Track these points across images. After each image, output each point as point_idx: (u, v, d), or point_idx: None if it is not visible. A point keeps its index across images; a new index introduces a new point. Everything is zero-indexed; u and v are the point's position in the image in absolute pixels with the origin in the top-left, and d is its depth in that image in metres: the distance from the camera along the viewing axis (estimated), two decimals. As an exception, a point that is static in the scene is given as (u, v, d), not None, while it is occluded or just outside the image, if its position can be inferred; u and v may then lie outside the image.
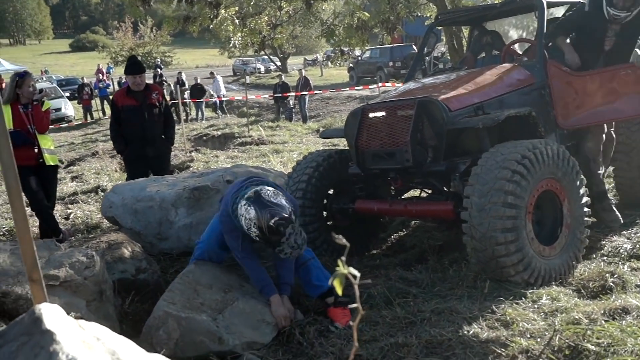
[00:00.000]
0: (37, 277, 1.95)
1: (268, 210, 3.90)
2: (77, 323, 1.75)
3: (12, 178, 1.91)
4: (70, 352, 1.54)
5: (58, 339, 1.60)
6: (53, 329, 1.64)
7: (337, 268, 1.65)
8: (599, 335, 3.22)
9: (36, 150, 5.95)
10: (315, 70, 42.79)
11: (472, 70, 6.14)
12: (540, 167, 4.50)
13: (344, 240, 1.56)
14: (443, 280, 4.69)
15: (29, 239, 1.94)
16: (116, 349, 1.66)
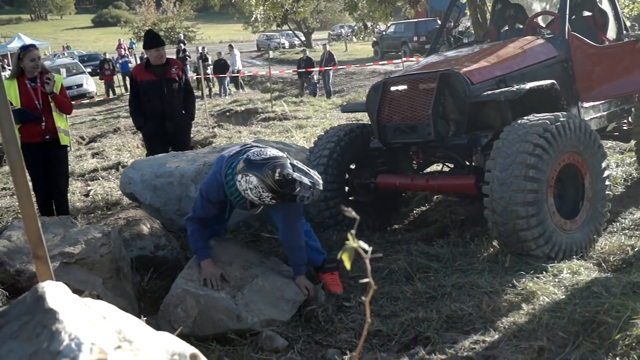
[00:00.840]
0: (42, 254, 1.90)
1: (266, 168, 3.73)
2: (82, 301, 1.73)
3: (14, 153, 1.88)
4: (73, 332, 1.51)
5: (61, 317, 1.56)
6: (56, 307, 1.61)
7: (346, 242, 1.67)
8: (618, 309, 3.22)
9: (43, 126, 5.75)
10: (339, 45, 42.47)
11: (495, 43, 6.08)
12: (563, 141, 4.46)
13: (353, 212, 1.58)
14: (464, 255, 4.70)
15: (33, 214, 1.91)
16: (122, 327, 1.64)
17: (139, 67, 6.82)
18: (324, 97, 20.18)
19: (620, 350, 2.88)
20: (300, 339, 3.69)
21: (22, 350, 1.53)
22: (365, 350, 3.29)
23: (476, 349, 3.11)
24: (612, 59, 5.71)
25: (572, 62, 5.53)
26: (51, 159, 5.91)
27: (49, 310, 1.59)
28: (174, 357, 1.58)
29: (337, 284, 4.34)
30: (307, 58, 21.33)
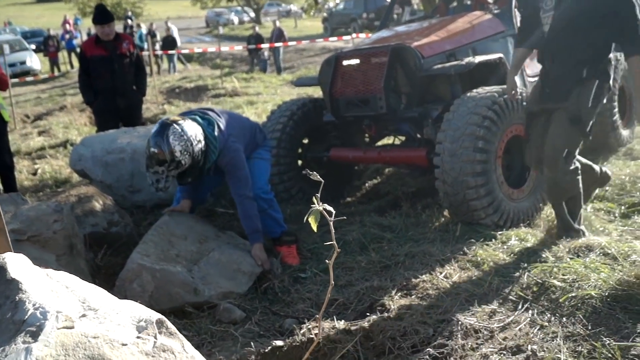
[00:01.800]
0: (1, 226, 1.90)
1: (157, 140, 3.88)
2: (44, 272, 1.73)
3: None
4: (37, 301, 1.51)
5: (24, 287, 1.56)
6: (18, 277, 1.60)
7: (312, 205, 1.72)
8: (564, 272, 3.35)
9: None
10: (289, 22, 42.19)
11: (444, 18, 6.16)
12: (510, 113, 4.58)
13: (318, 177, 1.62)
14: (416, 225, 4.80)
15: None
16: (86, 296, 1.64)
17: (88, 42, 6.66)
18: (274, 73, 20.08)
19: (567, 311, 3.00)
20: (258, 310, 3.74)
21: None
22: (324, 319, 3.35)
23: (430, 314, 3.21)
24: None
25: (518, 37, 5.67)
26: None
27: (12, 281, 1.58)
28: (141, 324, 1.59)
29: (294, 257, 4.41)
30: (257, 34, 21.14)
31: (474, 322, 3.03)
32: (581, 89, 3.88)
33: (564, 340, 2.78)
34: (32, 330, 1.42)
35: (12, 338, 1.42)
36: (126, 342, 1.51)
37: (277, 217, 4.52)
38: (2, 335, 1.47)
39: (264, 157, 4.59)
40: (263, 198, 4.41)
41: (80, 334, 1.45)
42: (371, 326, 3.17)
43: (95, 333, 1.47)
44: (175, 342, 1.64)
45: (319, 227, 5.22)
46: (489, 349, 2.81)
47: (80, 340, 1.43)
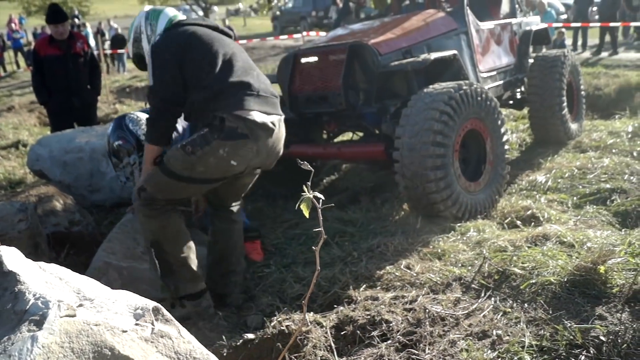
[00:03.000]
0: None
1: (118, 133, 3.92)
2: (37, 265, 1.74)
3: None
4: (37, 291, 1.53)
5: (22, 279, 1.58)
6: (15, 269, 1.62)
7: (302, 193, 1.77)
8: (524, 260, 3.48)
9: None
10: (238, 20, 41.97)
11: (399, 16, 6.28)
12: (466, 108, 4.70)
13: (309, 166, 1.67)
14: (377, 219, 4.89)
15: None
16: (80, 287, 1.67)
17: (42, 41, 6.57)
18: (225, 71, 19.91)
19: (528, 297, 3.12)
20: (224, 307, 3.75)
21: None
22: (292, 312, 3.40)
23: (397, 303, 3.28)
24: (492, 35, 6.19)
25: (471, 35, 5.82)
26: None
27: (9, 273, 1.59)
28: (137, 311, 1.62)
29: (258, 252, 4.44)
30: (207, 33, 20.95)
31: (440, 310, 3.12)
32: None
33: (527, 324, 2.89)
34: (36, 319, 1.44)
35: (16, 327, 1.44)
36: (126, 328, 1.54)
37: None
38: (3, 326, 1.49)
39: None
40: None
41: (83, 322, 1.47)
42: (340, 317, 3.23)
43: (96, 321, 1.50)
44: (171, 328, 1.67)
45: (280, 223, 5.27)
46: (455, 335, 2.90)
47: (82, 327, 1.46)
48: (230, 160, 3.24)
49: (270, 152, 3.41)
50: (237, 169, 3.34)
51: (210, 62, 3.33)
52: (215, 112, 3.23)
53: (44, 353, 1.36)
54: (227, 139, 3.18)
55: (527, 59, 6.91)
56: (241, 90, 3.30)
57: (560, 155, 6.26)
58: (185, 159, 3.21)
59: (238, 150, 3.23)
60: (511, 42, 6.66)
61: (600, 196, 4.92)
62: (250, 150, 3.26)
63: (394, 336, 2.98)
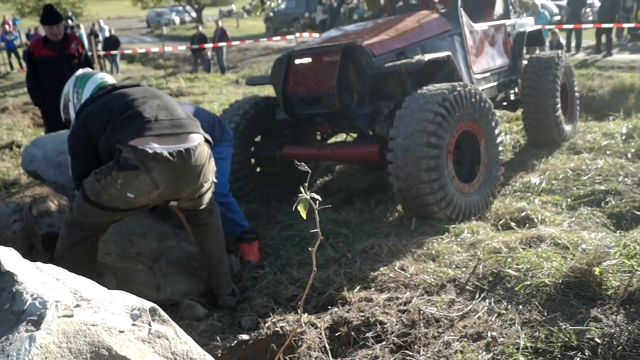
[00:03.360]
0: None
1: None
2: (34, 265, 1.74)
3: None
4: (35, 291, 1.53)
5: (20, 279, 1.58)
6: (13, 270, 1.62)
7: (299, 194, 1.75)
8: (518, 262, 3.48)
9: None
10: (231, 22, 41.95)
11: (393, 18, 6.28)
12: (460, 109, 4.70)
13: (306, 167, 1.66)
14: (371, 220, 4.88)
15: None
16: (78, 287, 1.66)
17: (36, 42, 6.54)
18: (218, 73, 19.95)
19: (523, 299, 3.12)
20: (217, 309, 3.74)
21: None
22: (286, 313, 3.39)
23: (391, 305, 3.27)
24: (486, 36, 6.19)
25: (464, 36, 5.83)
26: None
27: (6, 273, 1.59)
28: (134, 312, 1.61)
29: (254, 253, 4.44)
30: (201, 34, 20.96)
31: (435, 312, 3.12)
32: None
33: (522, 326, 2.89)
34: (34, 319, 1.44)
35: (14, 327, 1.44)
36: (123, 329, 1.54)
37: (236, 218, 4.49)
38: (1, 325, 1.48)
39: (223, 156, 4.54)
40: (220, 202, 4.39)
41: (80, 322, 1.47)
42: (335, 318, 3.22)
43: (93, 321, 1.50)
44: (168, 328, 1.67)
45: (274, 224, 5.25)
46: (450, 337, 2.89)
47: (80, 328, 1.46)
48: (127, 192, 3.20)
49: (175, 184, 3.27)
50: (138, 201, 3.28)
51: (112, 110, 3.37)
52: (117, 143, 3.23)
53: (41, 353, 1.37)
54: (120, 170, 3.16)
55: (521, 60, 6.92)
56: (136, 122, 3.28)
57: (554, 157, 6.27)
58: (94, 185, 3.24)
59: (131, 182, 3.18)
60: (505, 43, 6.67)
61: (594, 198, 4.93)
62: (144, 182, 3.19)
63: (388, 337, 2.98)
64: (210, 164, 3.47)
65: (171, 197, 3.36)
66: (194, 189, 3.39)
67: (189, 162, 3.27)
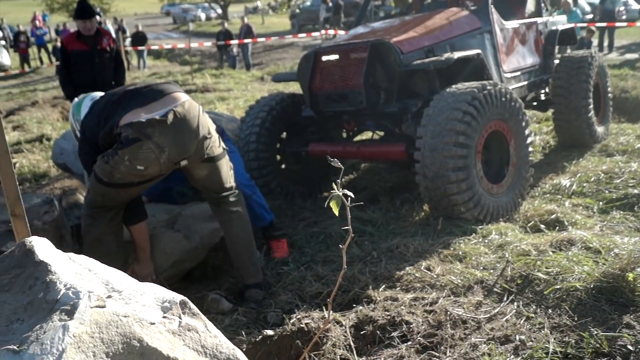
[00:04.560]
0: (20, 212, 1.93)
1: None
2: (67, 255, 1.75)
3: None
4: (68, 281, 1.55)
5: (53, 269, 1.60)
6: (47, 260, 1.64)
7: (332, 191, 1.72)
8: (548, 265, 3.41)
9: None
10: (256, 18, 42.09)
11: (421, 15, 6.21)
12: (490, 108, 4.63)
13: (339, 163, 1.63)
14: (396, 219, 4.84)
15: (11, 173, 1.90)
16: (109, 278, 1.67)
17: (70, 37, 6.60)
18: (243, 69, 20.01)
19: (552, 303, 3.05)
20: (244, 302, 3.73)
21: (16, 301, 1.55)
22: (311, 310, 3.35)
23: (417, 305, 3.23)
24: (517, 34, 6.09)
25: (495, 34, 5.74)
26: None
27: (40, 263, 1.61)
28: (165, 304, 1.61)
29: (284, 250, 4.44)
30: (226, 31, 21.03)
31: (462, 313, 3.06)
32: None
33: (551, 330, 2.82)
34: (67, 309, 1.45)
35: (47, 316, 1.45)
36: (154, 321, 1.55)
37: (263, 203, 4.52)
38: (36, 314, 1.49)
39: (232, 149, 4.58)
40: (246, 185, 4.42)
41: (112, 313, 1.48)
42: (360, 317, 3.18)
43: (125, 312, 1.50)
44: (198, 322, 1.67)
45: (299, 221, 5.22)
46: (477, 339, 2.84)
47: (112, 319, 1.47)
48: (137, 166, 3.33)
49: (177, 142, 3.37)
50: (150, 172, 3.40)
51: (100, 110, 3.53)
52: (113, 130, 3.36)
53: (74, 342, 1.38)
54: (124, 147, 3.28)
55: (553, 59, 6.81)
56: (122, 104, 3.43)
57: (585, 159, 6.16)
58: (104, 167, 3.37)
59: (137, 155, 3.29)
60: (536, 42, 6.57)
61: (627, 202, 4.81)
62: (149, 151, 3.30)
63: (414, 337, 2.93)
64: (205, 116, 3.55)
65: (180, 157, 3.43)
66: (198, 143, 3.45)
67: (182, 117, 3.37)
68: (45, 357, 1.34)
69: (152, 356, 1.51)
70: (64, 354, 1.35)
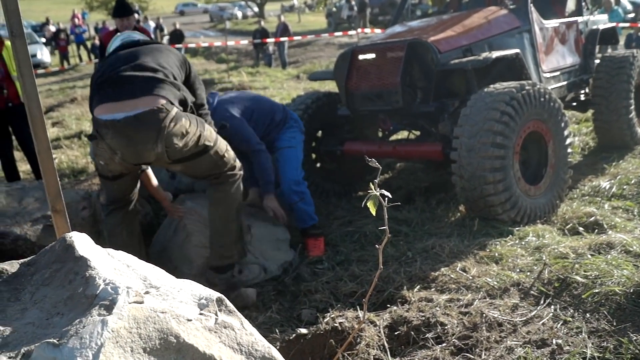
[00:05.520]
0: (61, 208, 1.96)
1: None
2: (106, 251, 1.78)
3: (35, 108, 1.91)
4: (107, 277, 1.57)
5: (93, 264, 1.63)
6: (86, 255, 1.67)
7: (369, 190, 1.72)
8: (586, 269, 3.35)
9: (5, 94, 5.87)
10: (292, 16, 42.20)
11: (459, 14, 6.15)
12: (528, 109, 4.57)
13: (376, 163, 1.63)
14: (432, 220, 4.81)
15: (52, 169, 1.94)
16: (147, 274, 1.70)
17: (109, 34, 6.71)
18: (279, 67, 20.08)
19: (590, 307, 3.00)
20: (278, 301, 3.75)
21: (57, 295, 1.58)
22: (345, 309, 3.36)
23: (452, 306, 3.20)
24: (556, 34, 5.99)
25: (534, 33, 5.67)
26: (17, 123, 5.95)
27: (80, 258, 1.64)
28: (202, 301, 1.63)
29: (320, 249, 4.46)
30: (263, 29, 21.13)
31: (497, 315, 3.04)
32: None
33: (589, 335, 2.78)
34: (106, 304, 1.48)
35: (87, 311, 1.48)
36: (191, 317, 1.56)
37: (308, 210, 4.55)
38: (75, 308, 1.52)
39: (291, 145, 4.58)
40: (294, 190, 4.46)
41: (150, 309, 1.50)
42: (394, 317, 3.17)
43: (162, 308, 1.52)
44: (234, 319, 1.68)
45: (333, 220, 5.23)
46: (513, 342, 2.81)
47: (150, 314, 1.49)
48: (99, 160, 3.44)
49: (129, 149, 3.30)
50: (111, 168, 3.46)
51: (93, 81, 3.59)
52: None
53: (113, 337, 1.40)
54: (90, 140, 3.42)
55: (593, 59, 6.68)
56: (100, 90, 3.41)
57: (625, 161, 6.04)
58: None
59: (97, 150, 3.39)
60: (577, 41, 6.46)
61: (668, 205, 4.71)
62: (103, 149, 3.34)
63: (449, 339, 2.91)
64: (176, 127, 3.30)
65: (136, 162, 3.42)
66: (159, 154, 3.34)
67: (135, 127, 3.24)
68: (84, 351, 1.36)
69: (189, 353, 1.52)
70: (102, 348, 1.37)
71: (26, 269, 1.76)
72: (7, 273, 1.75)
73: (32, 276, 1.70)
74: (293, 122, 4.75)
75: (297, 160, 4.62)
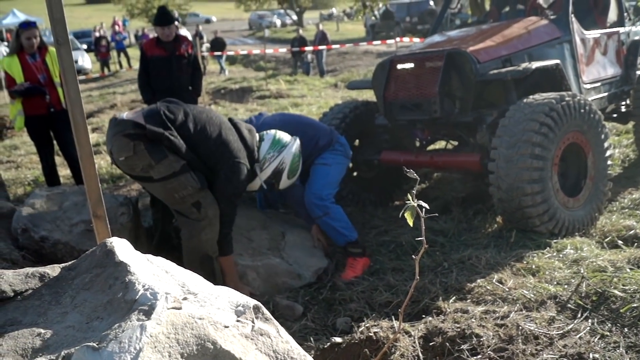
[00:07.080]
0: (102, 214, 2.01)
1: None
2: (145, 257, 1.82)
3: (78, 114, 1.96)
4: (146, 282, 1.61)
5: (132, 270, 1.66)
6: (126, 260, 1.71)
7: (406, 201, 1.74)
8: (624, 282, 3.31)
9: (48, 99, 5.95)
10: (331, 25, 42.34)
11: (499, 24, 6.12)
12: (568, 120, 4.53)
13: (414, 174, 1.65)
14: (469, 230, 4.79)
15: (94, 175, 1.99)
16: (185, 281, 1.73)
17: (149, 42, 6.81)
18: (317, 76, 20.16)
19: (629, 322, 2.97)
20: (312, 308, 3.77)
21: (97, 299, 1.61)
22: (380, 319, 3.37)
23: (487, 318, 3.19)
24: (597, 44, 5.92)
25: (575, 44, 5.61)
26: (59, 128, 6.04)
27: (120, 263, 1.67)
28: (239, 309, 1.65)
29: (355, 270, 4.31)
30: (301, 37, 21.25)
31: (534, 328, 3.01)
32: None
33: (627, 350, 2.75)
34: (145, 309, 1.51)
35: (126, 316, 1.51)
36: (228, 324, 1.58)
37: (336, 226, 4.44)
38: (115, 313, 1.56)
39: (327, 162, 4.57)
40: (316, 204, 4.40)
41: (188, 315, 1.53)
42: (429, 327, 3.17)
43: (200, 315, 1.55)
44: (270, 327, 1.71)
45: (369, 229, 5.24)
46: (549, 355, 2.79)
47: (187, 320, 1.52)
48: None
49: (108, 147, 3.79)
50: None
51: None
52: None
53: (151, 342, 1.42)
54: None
55: (635, 70, 6.58)
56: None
57: (661, 172, 5.94)
58: None
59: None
60: (618, 52, 6.37)
61: None
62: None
63: (484, 351, 2.90)
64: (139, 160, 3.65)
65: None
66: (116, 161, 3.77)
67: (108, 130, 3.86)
68: (123, 356, 1.39)
69: (225, 359, 1.54)
70: (141, 352, 1.40)
71: (67, 273, 1.81)
72: (49, 277, 1.80)
73: (73, 280, 1.75)
74: (339, 146, 4.71)
75: (326, 177, 4.55)
